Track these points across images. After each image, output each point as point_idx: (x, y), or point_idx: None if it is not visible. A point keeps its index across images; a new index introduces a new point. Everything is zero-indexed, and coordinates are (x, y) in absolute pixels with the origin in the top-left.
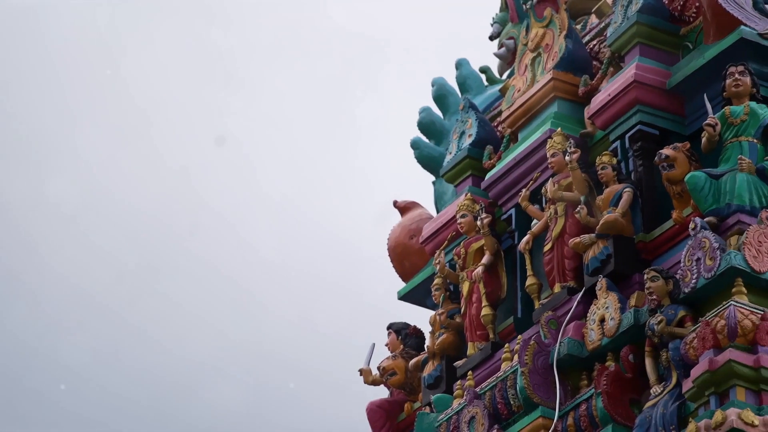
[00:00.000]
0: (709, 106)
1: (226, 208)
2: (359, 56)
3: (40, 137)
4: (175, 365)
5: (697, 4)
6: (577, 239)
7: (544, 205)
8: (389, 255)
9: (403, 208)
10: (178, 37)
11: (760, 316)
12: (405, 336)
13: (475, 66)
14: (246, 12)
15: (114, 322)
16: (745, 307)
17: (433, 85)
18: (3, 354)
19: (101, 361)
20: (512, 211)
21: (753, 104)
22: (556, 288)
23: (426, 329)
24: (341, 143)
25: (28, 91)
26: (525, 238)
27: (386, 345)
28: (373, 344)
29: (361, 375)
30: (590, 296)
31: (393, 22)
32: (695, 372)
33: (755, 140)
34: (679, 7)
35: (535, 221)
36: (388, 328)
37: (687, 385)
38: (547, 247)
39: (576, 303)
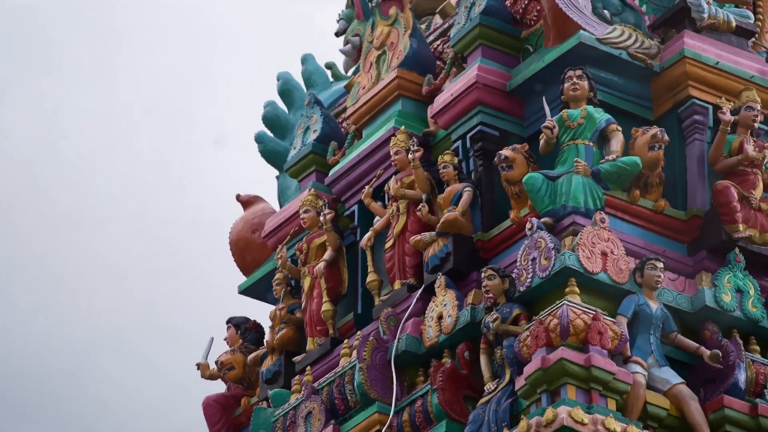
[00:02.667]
0: (547, 108)
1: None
2: (202, 48)
3: (29, 135)
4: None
5: (538, 7)
6: (418, 237)
7: (386, 202)
8: (230, 249)
9: (246, 201)
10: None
11: (591, 315)
12: (244, 330)
13: (321, 62)
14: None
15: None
16: (577, 306)
17: (278, 80)
18: None
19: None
20: (355, 207)
21: (590, 108)
22: (396, 285)
23: (266, 324)
24: (183, 136)
25: (22, 95)
26: (367, 235)
27: (225, 339)
28: (212, 338)
29: (198, 369)
30: (430, 293)
31: (239, 14)
32: (528, 370)
33: (591, 143)
34: (520, 11)
35: (377, 218)
36: (228, 322)
37: (520, 382)
38: (388, 244)
39: (415, 300)
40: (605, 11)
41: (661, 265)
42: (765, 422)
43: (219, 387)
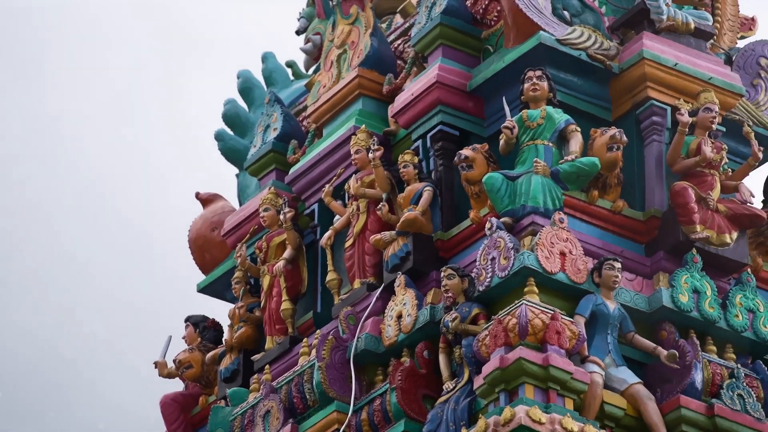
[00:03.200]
0: (507, 109)
1: None
2: (162, 46)
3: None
4: None
5: (499, 8)
6: (378, 236)
7: (346, 201)
8: (189, 247)
9: (206, 200)
10: None
11: (550, 315)
12: (203, 329)
13: (282, 60)
14: None
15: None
16: (536, 306)
17: (238, 78)
18: None
19: None
20: (315, 206)
21: (549, 108)
22: (356, 284)
23: (225, 322)
24: (142, 134)
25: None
26: (327, 234)
27: (183, 338)
28: (170, 337)
29: (156, 368)
30: (389, 293)
31: (199, 13)
32: (486, 369)
33: (551, 144)
34: (481, 11)
35: (337, 217)
36: (186, 320)
37: (478, 381)
38: (348, 243)
39: (375, 299)
40: (565, 12)
41: (618, 265)
42: (721, 423)
43: (177, 386)
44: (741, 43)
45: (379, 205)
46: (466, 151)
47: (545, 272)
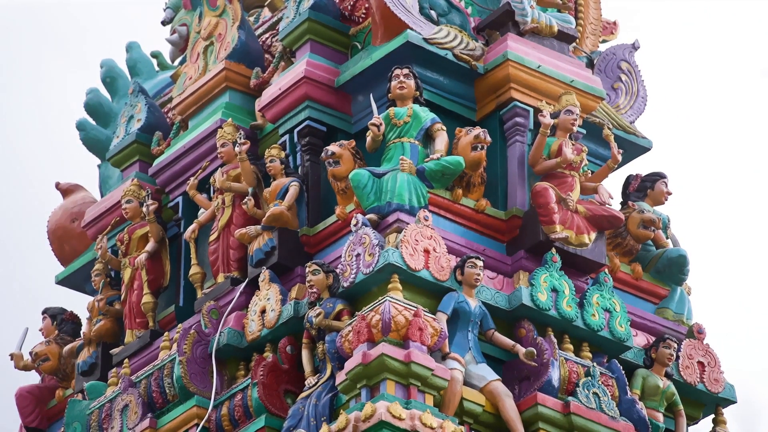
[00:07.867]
0: (374, 106)
1: None
2: (24, 33)
3: None
4: None
5: (367, 5)
6: (243, 230)
7: (212, 194)
8: (48, 238)
9: (66, 190)
10: None
11: (413, 312)
12: (60, 321)
13: (147, 50)
14: None
15: None
16: (399, 303)
17: (102, 67)
18: None
19: None
20: (179, 198)
21: (416, 107)
22: (220, 278)
23: (83, 315)
24: (2, 122)
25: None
26: (191, 227)
27: (40, 330)
28: (27, 329)
29: (12, 360)
30: (254, 287)
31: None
32: (349, 365)
33: (417, 142)
34: (349, 7)
35: (202, 210)
36: (43, 312)
37: (341, 377)
38: (212, 237)
39: (239, 294)
40: (432, 12)
41: (480, 263)
42: (576, 420)
43: (33, 378)
44: (603, 47)
45: (245, 199)
46: (332, 147)
47: (409, 269)
